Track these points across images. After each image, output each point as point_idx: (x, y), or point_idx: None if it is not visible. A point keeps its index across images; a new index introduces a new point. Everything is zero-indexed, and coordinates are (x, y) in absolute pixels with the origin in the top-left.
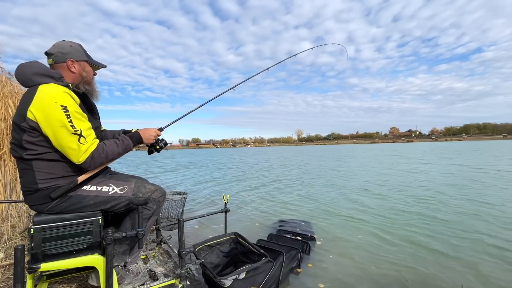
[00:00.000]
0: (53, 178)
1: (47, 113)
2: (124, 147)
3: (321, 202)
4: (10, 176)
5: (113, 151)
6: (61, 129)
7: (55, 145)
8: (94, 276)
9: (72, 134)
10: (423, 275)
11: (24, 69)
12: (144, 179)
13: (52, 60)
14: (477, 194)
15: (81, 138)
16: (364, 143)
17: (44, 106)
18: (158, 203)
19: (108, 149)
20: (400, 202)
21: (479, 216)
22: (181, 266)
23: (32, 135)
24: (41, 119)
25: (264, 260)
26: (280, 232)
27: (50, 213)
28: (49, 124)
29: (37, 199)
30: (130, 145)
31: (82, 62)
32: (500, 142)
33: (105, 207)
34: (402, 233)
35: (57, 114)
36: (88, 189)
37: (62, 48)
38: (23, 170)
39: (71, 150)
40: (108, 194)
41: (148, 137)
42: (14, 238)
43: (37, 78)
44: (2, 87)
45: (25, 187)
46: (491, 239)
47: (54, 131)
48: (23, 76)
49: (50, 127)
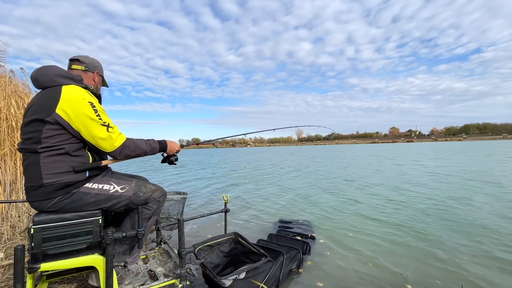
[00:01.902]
0: (59, 173)
1: (76, 109)
2: (151, 148)
3: (321, 202)
4: (10, 176)
5: (141, 147)
6: (91, 121)
7: (86, 136)
8: (94, 276)
9: (102, 126)
10: (423, 275)
11: (46, 71)
12: (145, 179)
13: (85, 68)
14: (473, 194)
15: (109, 128)
16: (364, 143)
17: (73, 103)
18: (158, 203)
19: (137, 143)
20: (400, 202)
21: (479, 216)
22: (181, 266)
23: (53, 128)
24: (72, 116)
25: (264, 260)
26: (280, 232)
27: (51, 211)
28: (79, 119)
29: (40, 195)
30: (157, 149)
31: (101, 77)
32: (500, 142)
33: (106, 206)
34: (402, 233)
35: (86, 109)
36: (90, 187)
37: (93, 62)
38: (29, 165)
39: (102, 139)
40: (109, 192)
41: (172, 148)
42: (14, 238)
43: (60, 79)
44: (5, 86)
45: (29, 182)
46: (491, 239)
47: (85, 124)
48: (45, 77)
49: (80, 122)
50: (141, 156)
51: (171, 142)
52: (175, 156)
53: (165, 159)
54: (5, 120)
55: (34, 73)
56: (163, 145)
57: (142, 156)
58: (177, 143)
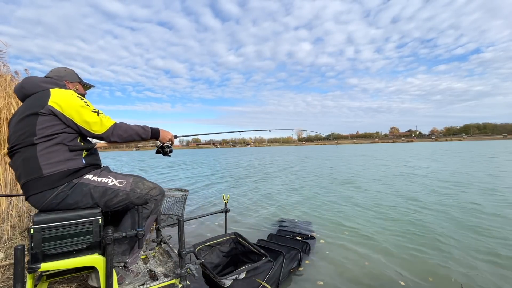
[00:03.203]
0: (57, 162)
1: (68, 100)
2: (143, 131)
3: (320, 202)
4: (11, 175)
5: (133, 128)
6: (82, 108)
7: (79, 121)
8: (94, 276)
9: (92, 112)
10: (422, 275)
11: (32, 79)
12: (143, 177)
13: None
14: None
15: (100, 113)
16: (364, 143)
17: (64, 96)
18: (156, 202)
19: (128, 125)
20: (400, 202)
21: (477, 216)
22: (181, 266)
23: (47, 118)
24: (64, 106)
25: (264, 260)
26: (280, 232)
27: (52, 208)
28: (71, 107)
29: (42, 186)
30: (149, 133)
31: (75, 83)
32: (500, 142)
33: (104, 199)
34: (402, 232)
35: (77, 100)
36: (90, 178)
37: (58, 72)
38: (25, 159)
39: (94, 123)
40: (107, 185)
41: (164, 136)
42: (14, 238)
43: (46, 84)
44: (6, 86)
45: (28, 176)
46: (490, 239)
47: (77, 110)
48: (31, 84)
49: (73, 109)
50: (134, 139)
51: (163, 131)
52: (169, 147)
53: (159, 149)
54: (5, 120)
55: (18, 85)
56: (155, 131)
57: (135, 138)
58: (169, 132)
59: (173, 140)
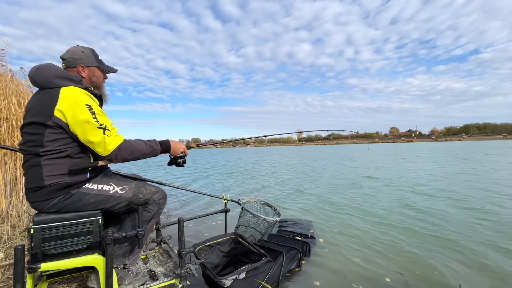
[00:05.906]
0: (60, 174)
1: (74, 111)
2: (151, 150)
3: (320, 201)
4: (10, 176)
5: (139, 149)
6: (87, 125)
7: (83, 139)
8: (94, 278)
9: (98, 128)
10: (422, 275)
11: (44, 71)
12: (145, 181)
13: (64, 65)
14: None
15: (106, 131)
16: (364, 143)
17: (70, 105)
18: (158, 205)
19: (135, 145)
20: (400, 202)
21: (477, 216)
22: (181, 266)
23: (55, 131)
24: (70, 117)
25: (264, 260)
26: (280, 232)
27: (51, 211)
28: (76, 121)
29: (40, 195)
30: (158, 150)
31: (92, 67)
32: (500, 142)
33: (105, 206)
34: (402, 233)
35: (83, 111)
36: (89, 187)
37: (74, 54)
38: (30, 166)
39: (98, 143)
40: (108, 193)
41: (176, 149)
42: (14, 238)
43: (58, 81)
44: (6, 85)
45: (30, 183)
46: (491, 239)
47: (82, 127)
48: (43, 78)
49: (77, 125)
50: (140, 159)
51: (175, 143)
52: (182, 158)
53: (172, 160)
54: (5, 120)
55: (31, 73)
56: (166, 146)
57: (142, 158)
58: (181, 144)
59: (186, 151)
